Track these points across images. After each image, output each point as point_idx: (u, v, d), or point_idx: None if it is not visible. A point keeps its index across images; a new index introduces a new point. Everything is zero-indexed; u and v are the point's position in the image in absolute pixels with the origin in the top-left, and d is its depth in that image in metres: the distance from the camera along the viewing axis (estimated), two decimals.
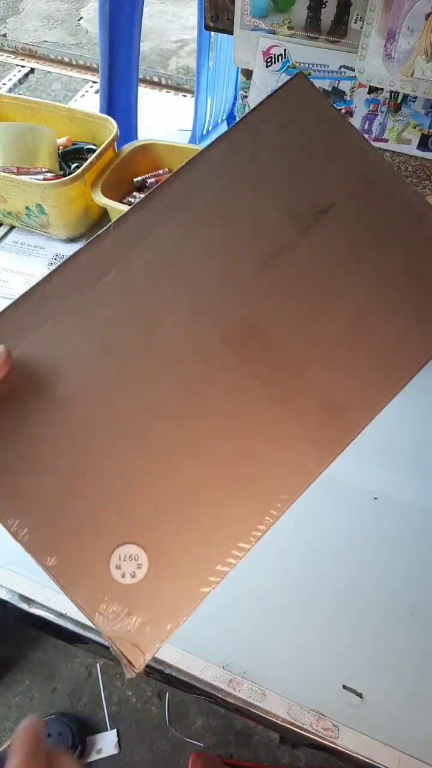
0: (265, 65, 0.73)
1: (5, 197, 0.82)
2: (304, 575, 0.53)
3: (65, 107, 0.90)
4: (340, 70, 0.70)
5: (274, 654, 0.50)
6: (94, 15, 2.82)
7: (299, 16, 0.67)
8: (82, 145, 0.89)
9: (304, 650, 0.51)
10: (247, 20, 0.70)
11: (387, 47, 0.63)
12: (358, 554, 0.56)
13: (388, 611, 0.53)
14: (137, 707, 1.09)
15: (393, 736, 0.47)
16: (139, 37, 1.26)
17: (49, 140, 0.85)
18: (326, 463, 0.36)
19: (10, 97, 0.91)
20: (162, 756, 1.05)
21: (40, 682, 1.12)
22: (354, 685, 0.49)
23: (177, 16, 3.02)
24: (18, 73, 2.72)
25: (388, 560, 0.56)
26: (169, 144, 0.89)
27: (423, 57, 0.62)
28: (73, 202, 0.80)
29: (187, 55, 2.75)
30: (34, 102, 0.90)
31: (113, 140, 0.83)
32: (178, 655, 0.50)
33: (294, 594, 0.52)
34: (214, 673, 0.49)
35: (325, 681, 0.49)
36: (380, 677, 0.49)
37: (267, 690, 0.48)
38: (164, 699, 1.10)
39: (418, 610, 0.53)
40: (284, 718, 0.47)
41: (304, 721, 0.47)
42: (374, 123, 0.72)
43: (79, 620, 0.52)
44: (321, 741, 0.46)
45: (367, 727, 0.47)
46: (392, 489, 0.60)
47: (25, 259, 0.84)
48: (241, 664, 0.50)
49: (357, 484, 0.61)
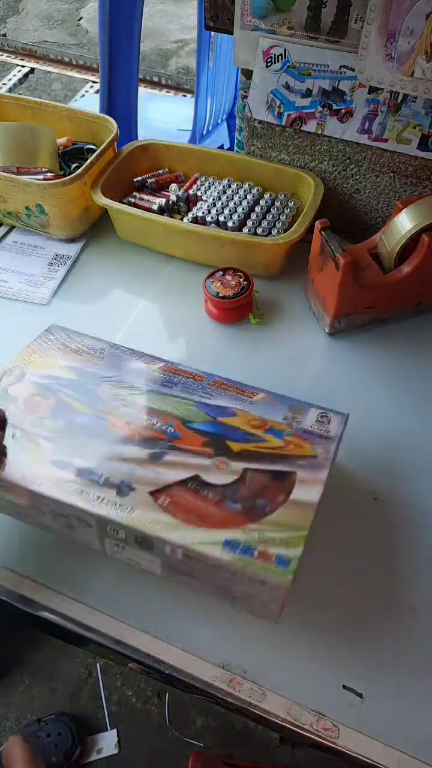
0: (265, 65, 0.73)
1: (5, 197, 0.82)
2: (304, 575, 0.53)
3: (65, 107, 0.90)
4: (340, 70, 0.70)
5: (274, 654, 0.50)
6: (94, 15, 2.82)
7: (299, 16, 0.67)
8: (82, 145, 0.89)
9: (304, 650, 0.51)
10: (247, 20, 0.70)
11: (387, 47, 0.63)
12: (358, 554, 0.56)
13: (388, 611, 0.53)
14: (137, 707, 1.09)
15: (393, 736, 0.47)
16: (139, 37, 1.26)
17: (49, 140, 0.85)
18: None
19: (10, 97, 0.91)
20: (162, 756, 1.05)
21: (40, 682, 1.12)
22: (354, 685, 0.49)
23: (177, 16, 3.02)
24: (18, 73, 2.72)
25: (388, 560, 0.56)
26: (169, 144, 0.89)
27: (423, 57, 0.62)
28: (73, 202, 0.80)
29: (187, 55, 2.75)
30: (34, 102, 0.90)
31: (113, 140, 0.83)
32: (178, 655, 0.50)
33: (294, 594, 0.52)
34: (214, 673, 0.49)
35: (325, 681, 0.49)
36: (380, 677, 0.49)
37: (267, 690, 0.48)
38: (164, 699, 1.10)
39: (418, 610, 0.53)
40: (284, 718, 0.47)
41: (304, 721, 0.47)
42: (374, 123, 0.72)
43: (80, 620, 0.52)
44: (321, 741, 0.46)
45: (367, 727, 0.47)
46: (392, 489, 0.60)
47: (25, 259, 0.84)
48: (241, 664, 0.50)
49: (357, 484, 0.61)
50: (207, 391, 0.57)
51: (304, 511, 0.47)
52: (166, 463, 0.50)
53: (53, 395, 0.55)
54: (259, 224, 0.78)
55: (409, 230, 0.66)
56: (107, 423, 0.53)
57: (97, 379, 0.57)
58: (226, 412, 0.55)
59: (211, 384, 0.58)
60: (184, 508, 0.46)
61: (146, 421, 0.53)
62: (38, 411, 0.54)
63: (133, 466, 0.49)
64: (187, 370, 0.59)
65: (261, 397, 0.57)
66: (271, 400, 0.57)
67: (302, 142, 0.79)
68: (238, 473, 0.49)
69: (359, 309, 0.71)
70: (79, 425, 0.52)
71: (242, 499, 0.47)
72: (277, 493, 0.48)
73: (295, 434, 0.53)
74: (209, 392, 0.57)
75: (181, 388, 0.57)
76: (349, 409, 0.67)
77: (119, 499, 0.46)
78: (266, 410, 0.55)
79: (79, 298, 0.80)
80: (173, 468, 0.49)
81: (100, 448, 0.51)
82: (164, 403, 0.55)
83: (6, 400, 0.54)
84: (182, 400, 0.56)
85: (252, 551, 0.44)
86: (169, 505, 0.46)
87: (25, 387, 0.56)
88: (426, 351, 0.72)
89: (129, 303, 0.79)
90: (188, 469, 0.49)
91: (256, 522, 0.45)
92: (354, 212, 0.84)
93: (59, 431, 0.52)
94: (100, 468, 0.49)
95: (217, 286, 0.73)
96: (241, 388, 0.58)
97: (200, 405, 0.55)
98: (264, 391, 0.58)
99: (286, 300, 0.78)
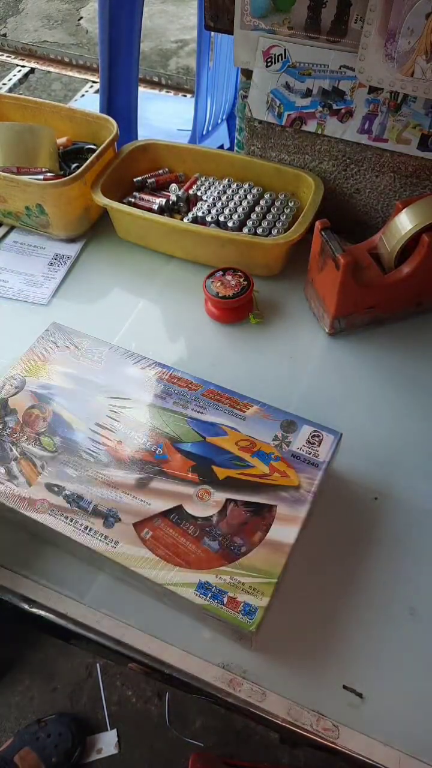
0: (265, 65, 0.73)
1: (5, 197, 0.82)
2: (305, 575, 0.53)
3: (65, 107, 0.90)
4: (340, 70, 0.70)
5: (274, 654, 0.50)
6: (94, 15, 2.82)
7: (299, 16, 0.67)
8: (82, 145, 0.89)
9: (304, 650, 0.51)
10: (247, 20, 0.70)
11: (387, 47, 0.63)
12: (358, 554, 0.56)
13: (388, 611, 0.53)
14: (137, 707, 1.09)
15: (393, 736, 0.47)
16: (139, 37, 1.26)
17: (49, 140, 0.85)
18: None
19: (10, 97, 0.91)
20: (162, 756, 1.05)
21: (40, 682, 1.12)
22: (354, 685, 0.49)
23: (177, 16, 3.02)
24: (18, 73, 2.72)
25: (388, 560, 0.56)
26: (169, 144, 0.89)
27: (423, 57, 0.62)
28: (73, 202, 0.80)
29: (187, 55, 2.75)
30: (34, 102, 0.90)
31: (113, 140, 0.83)
32: (178, 655, 0.50)
33: (294, 594, 0.52)
34: (214, 673, 0.49)
35: (325, 681, 0.49)
36: (380, 677, 0.49)
37: (267, 690, 0.49)
38: (164, 699, 1.10)
39: (418, 610, 0.53)
40: (284, 718, 0.47)
41: (304, 721, 0.47)
42: (374, 123, 0.72)
43: (79, 620, 0.52)
44: (321, 741, 0.46)
45: (367, 727, 0.47)
46: (392, 489, 0.60)
47: (25, 259, 0.84)
48: (241, 664, 0.50)
49: (357, 484, 0.61)
50: (200, 403, 0.57)
51: (277, 555, 0.48)
52: (152, 491, 0.52)
53: (50, 408, 0.57)
54: (259, 224, 0.78)
55: (409, 230, 0.66)
56: (100, 440, 0.55)
57: (94, 389, 0.59)
58: (217, 430, 0.55)
59: (205, 394, 0.58)
60: (164, 542, 0.49)
61: (137, 440, 0.55)
62: (36, 427, 0.56)
63: (120, 494, 0.51)
64: (183, 378, 0.60)
65: (254, 410, 0.57)
66: (264, 414, 0.56)
67: (302, 142, 0.79)
68: (219, 505, 0.51)
69: (359, 309, 0.71)
70: (73, 443, 0.55)
71: (221, 537, 0.49)
72: (255, 531, 0.49)
73: (282, 459, 0.53)
74: (202, 404, 0.57)
75: (176, 399, 0.58)
76: (349, 409, 0.67)
77: (105, 530, 0.49)
78: (258, 427, 0.55)
79: (79, 298, 0.80)
80: (158, 496, 0.51)
81: (92, 470, 0.53)
82: (157, 418, 0.56)
83: (6, 413, 0.57)
84: (175, 414, 0.56)
85: (222, 597, 0.46)
86: (151, 540, 0.49)
87: (25, 398, 0.58)
88: (426, 351, 0.72)
89: (129, 303, 0.79)
90: (173, 498, 0.51)
91: (230, 564, 0.47)
92: (354, 212, 0.84)
93: (55, 449, 0.54)
94: (89, 494, 0.51)
95: (217, 286, 0.73)
96: (235, 398, 0.58)
97: (192, 421, 0.56)
98: (258, 403, 0.57)
99: (286, 300, 0.78)
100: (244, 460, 0.53)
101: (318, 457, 0.53)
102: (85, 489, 0.52)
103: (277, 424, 0.56)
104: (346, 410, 0.67)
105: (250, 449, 0.54)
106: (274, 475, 0.52)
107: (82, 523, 0.50)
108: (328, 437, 0.55)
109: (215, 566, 0.47)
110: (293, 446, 0.54)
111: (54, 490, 0.52)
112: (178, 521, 0.50)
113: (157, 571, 0.47)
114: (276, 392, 0.58)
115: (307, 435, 0.55)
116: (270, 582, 0.47)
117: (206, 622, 0.50)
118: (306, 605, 0.53)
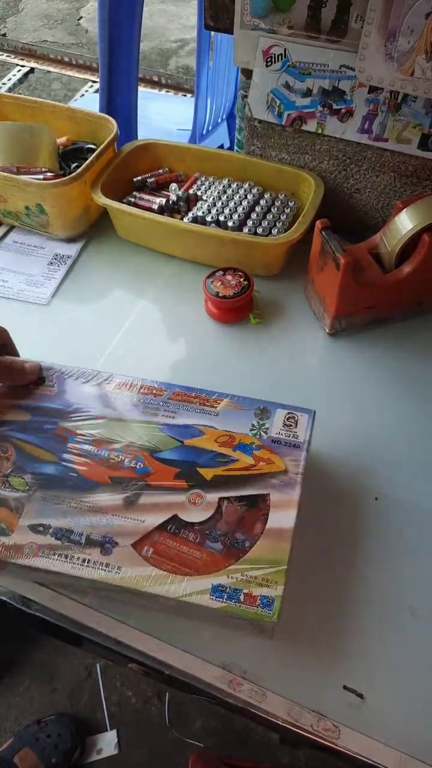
0: (265, 65, 0.73)
1: (5, 197, 0.82)
2: (305, 575, 0.53)
3: (65, 107, 0.90)
4: (340, 69, 0.69)
5: (274, 654, 0.50)
6: (94, 15, 2.82)
7: (299, 15, 0.67)
8: (82, 144, 0.89)
9: (304, 651, 0.51)
10: (247, 20, 0.70)
11: (387, 47, 0.63)
12: (358, 554, 0.56)
13: (388, 611, 0.53)
14: (137, 707, 1.09)
15: (394, 737, 0.47)
16: (139, 37, 1.26)
17: (49, 140, 0.85)
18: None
19: (10, 97, 0.91)
20: (162, 756, 1.05)
21: (40, 682, 1.12)
22: (354, 686, 0.49)
23: (177, 16, 3.02)
24: (18, 72, 2.72)
25: (388, 560, 0.56)
26: (169, 144, 0.89)
27: (423, 57, 0.62)
28: (73, 201, 0.80)
29: (187, 55, 2.75)
30: (34, 102, 0.90)
31: (113, 140, 0.83)
32: (178, 655, 0.50)
33: (294, 594, 0.52)
34: (214, 673, 0.49)
35: (325, 681, 0.49)
36: (380, 677, 0.49)
37: (267, 690, 0.48)
38: (164, 699, 1.10)
39: (418, 610, 0.53)
40: (284, 718, 0.47)
41: (304, 721, 0.47)
42: (374, 123, 0.72)
43: (79, 620, 0.52)
44: (322, 741, 0.46)
45: (367, 728, 0.47)
46: (392, 489, 0.60)
47: (25, 259, 0.84)
48: (241, 664, 0.50)
49: (357, 484, 0.61)
50: (169, 407, 0.55)
51: (281, 541, 0.48)
52: (142, 507, 0.49)
53: (12, 446, 0.53)
54: (260, 224, 0.78)
55: (409, 230, 0.66)
56: (75, 468, 0.52)
57: (53, 416, 0.55)
58: (193, 432, 0.54)
59: (172, 397, 0.56)
60: (167, 556, 0.47)
61: (114, 459, 0.52)
62: (1, 469, 0.52)
63: (110, 518, 0.49)
64: (145, 385, 0.57)
65: (225, 404, 0.55)
66: (235, 406, 0.55)
67: (302, 141, 0.79)
68: (213, 506, 0.50)
69: (360, 309, 0.71)
70: (46, 477, 0.51)
71: (222, 536, 0.48)
72: (254, 523, 0.48)
73: (264, 447, 0.52)
74: (172, 408, 0.55)
75: (143, 409, 0.55)
76: (350, 409, 0.67)
77: (105, 558, 0.47)
78: (232, 419, 0.54)
79: (79, 298, 0.80)
80: (150, 511, 0.49)
81: (74, 500, 0.50)
82: (128, 431, 0.53)
83: None
84: (146, 425, 0.54)
85: (238, 595, 0.45)
86: (153, 556, 0.47)
87: None
88: (427, 351, 0.72)
89: (129, 303, 0.79)
90: (165, 509, 0.49)
91: (237, 562, 0.47)
92: (354, 212, 0.84)
93: (28, 487, 0.51)
94: (78, 526, 0.48)
95: (218, 286, 0.73)
96: (204, 396, 0.56)
97: (165, 428, 0.54)
98: (227, 395, 0.56)
99: (286, 300, 0.78)
100: (227, 455, 0.52)
101: (298, 438, 0.53)
102: (72, 521, 0.49)
103: (250, 413, 0.55)
104: (347, 410, 0.67)
105: (231, 443, 0.53)
106: (259, 464, 0.51)
107: (79, 556, 0.47)
108: (303, 416, 0.54)
109: (224, 567, 0.47)
110: (271, 432, 0.53)
111: (39, 530, 0.48)
112: (176, 531, 0.48)
113: (168, 586, 0.46)
114: (276, 392, 0.58)
115: (282, 418, 0.54)
116: (280, 569, 0.46)
117: (227, 623, 0.49)
118: (306, 605, 0.53)
